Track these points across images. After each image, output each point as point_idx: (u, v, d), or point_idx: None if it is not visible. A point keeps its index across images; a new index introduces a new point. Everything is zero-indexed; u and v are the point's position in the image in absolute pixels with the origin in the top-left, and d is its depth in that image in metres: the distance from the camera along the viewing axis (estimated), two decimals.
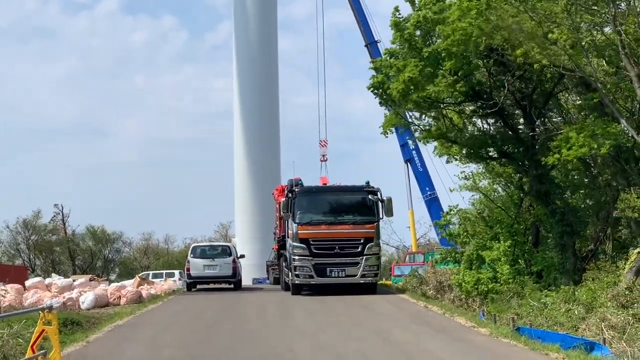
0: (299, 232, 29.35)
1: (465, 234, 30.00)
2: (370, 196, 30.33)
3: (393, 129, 32.86)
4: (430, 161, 48.94)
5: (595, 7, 21.30)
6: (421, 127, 30.01)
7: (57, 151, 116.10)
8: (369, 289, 29.20)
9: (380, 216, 30.43)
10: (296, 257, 29.25)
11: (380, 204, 30.11)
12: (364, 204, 30.42)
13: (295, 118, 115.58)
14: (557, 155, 22.54)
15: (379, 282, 30.64)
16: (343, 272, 29.12)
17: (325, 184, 31.52)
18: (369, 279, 29.39)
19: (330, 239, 29.38)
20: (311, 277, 29.13)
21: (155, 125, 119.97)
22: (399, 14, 26.32)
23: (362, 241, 29.58)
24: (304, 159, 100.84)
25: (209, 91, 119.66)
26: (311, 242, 29.28)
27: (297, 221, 29.69)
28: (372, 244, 29.58)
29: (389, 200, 30.59)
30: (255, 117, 61.13)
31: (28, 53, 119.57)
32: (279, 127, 64.45)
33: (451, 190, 33.70)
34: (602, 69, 23.59)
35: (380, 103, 28.34)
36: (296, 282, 29.42)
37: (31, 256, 70.36)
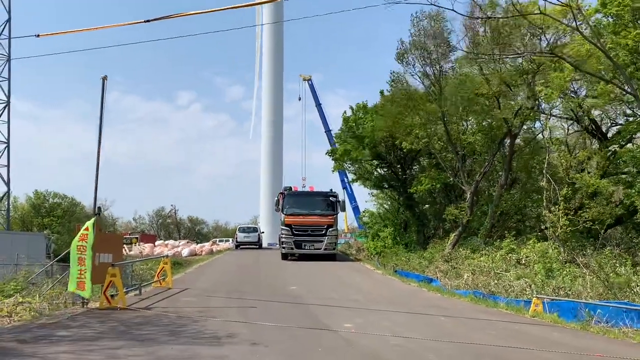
0: (285, 219, 25.96)
1: (370, 223, 29.52)
2: (331, 198, 26.66)
3: (337, 172, 32.52)
4: (356, 188, 49.64)
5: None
6: (352, 172, 29.69)
7: (165, 180, 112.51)
8: (330, 257, 26.29)
9: (337, 211, 26.71)
10: (283, 235, 26.17)
11: (337, 203, 26.80)
12: (327, 203, 26.34)
13: (286, 165, 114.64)
14: (414, 188, 22.93)
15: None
16: (313, 246, 25.25)
17: (312, 189, 29.10)
18: (330, 250, 25.72)
19: (305, 225, 25.53)
20: (292, 248, 25.46)
21: (217, 166, 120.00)
22: (345, 114, 28.23)
23: (325, 227, 25.43)
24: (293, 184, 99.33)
25: (244, 150, 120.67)
26: (293, 226, 25.61)
27: (284, 213, 26.14)
28: (332, 228, 25.84)
29: (343, 201, 28.41)
30: (270, 160, 60.90)
31: (159, 130, 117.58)
32: (282, 167, 65.73)
33: (365, 202, 33.41)
34: (439, 146, 24.00)
35: (333, 160, 28.39)
36: (283, 251, 26.40)
37: (158, 230, 69.36)
